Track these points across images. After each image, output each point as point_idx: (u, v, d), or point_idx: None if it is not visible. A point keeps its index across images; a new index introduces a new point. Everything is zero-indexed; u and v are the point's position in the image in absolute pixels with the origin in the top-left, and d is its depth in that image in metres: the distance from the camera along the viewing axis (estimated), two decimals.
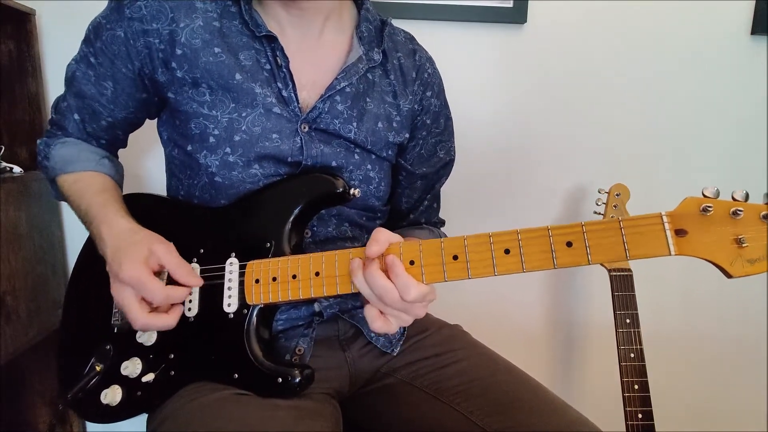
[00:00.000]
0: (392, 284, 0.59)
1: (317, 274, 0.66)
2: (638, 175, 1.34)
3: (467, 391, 0.75)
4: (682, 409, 1.48)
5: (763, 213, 0.52)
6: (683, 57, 1.31)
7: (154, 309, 0.67)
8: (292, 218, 0.71)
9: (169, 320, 0.67)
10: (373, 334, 0.81)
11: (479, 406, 0.73)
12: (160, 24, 0.72)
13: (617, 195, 1.18)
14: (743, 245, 0.52)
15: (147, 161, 1.30)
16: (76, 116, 0.80)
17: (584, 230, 0.56)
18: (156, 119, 0.84)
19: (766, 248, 0.52)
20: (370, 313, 0.62)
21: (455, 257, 0.60)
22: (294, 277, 0.67)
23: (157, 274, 0.68)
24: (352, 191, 0.71)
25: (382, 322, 0.62)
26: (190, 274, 0.69)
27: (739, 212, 0.52)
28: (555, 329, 1.47)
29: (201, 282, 0.70)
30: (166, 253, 0.67)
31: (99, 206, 0.74)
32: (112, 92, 0.77)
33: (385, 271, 0.60)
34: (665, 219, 0.54)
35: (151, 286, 0.64)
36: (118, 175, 0.85)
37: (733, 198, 0.53)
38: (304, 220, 0.73)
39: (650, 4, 1.28)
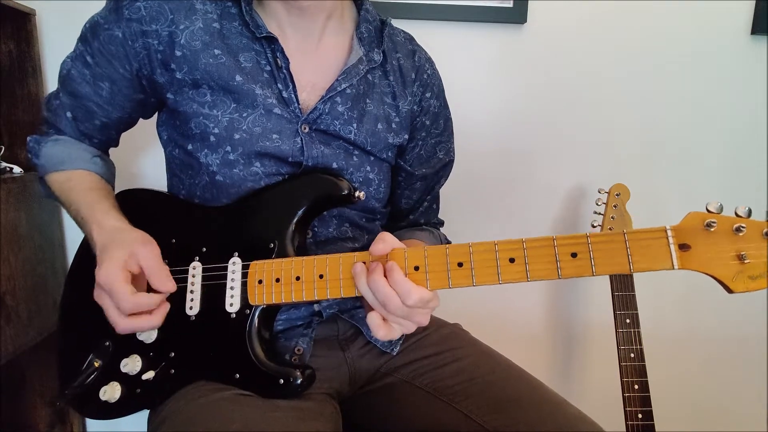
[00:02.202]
0: (394, 291, 0.59)
1: (321, 276, 0.66)
2: (638, 175, 1.35)
3: (467, 389, 0.75)
4: (682, 409, 1.48)
5: (766, 230, 0.52)
6: (683, 57, 1.31)
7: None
8: (296, 219, 0.71)
9: (151, 321, 0.66)
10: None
11: (479, 405, 0.73)
12: (160, 25, 0.72)
13: (617, 195, 1.18)
14: (745, 261, 0.53)
15: (143, 160, 1.30)
16: (68, 114, 0.79)
17: (589, 241, 0.57)
18: (155, 119, 0.84)
19: (767, 265, 0.52)
20: (374, 321, 0.62)
21: (460, 264, 0.60)
22: (297, 278, 0.67)
23: (138, 277, 0.67)
24: (356, 193, 0.71)
25: (386, 330, 0.62)
26: (165, 278, 0.67)
27: (741, 228, 0.53)
28: (555, 329, 1.47)
29: (174, 288, 0.68)
30: (146, 255, 0.67)
31: (88, 206, 0.73)
32: (108, 92, 0.76)
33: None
34: (670, 233, 0.55)
35: (119, 294, 0.63)
36: (109, 174, 0.84)
37: (736, 214, 0.54)
38: (307, 221, 0.73)
39: (650, 4, 1.28)
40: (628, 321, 1.16)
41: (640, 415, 1.14)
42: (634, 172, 1.35)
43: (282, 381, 0.67)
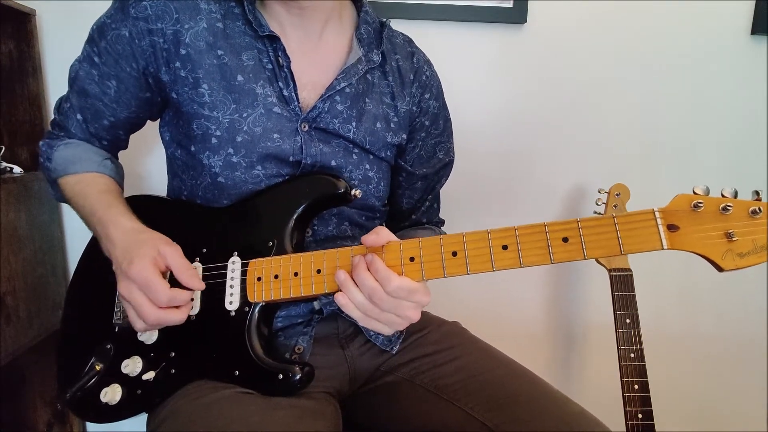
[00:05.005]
0: (377, 281, 0.61)
1: (318, 271, 0.67)
2: (638, 175, 1.35)
3: (467, 387, 0.75)
4: (682, 409, 1.48)
5: (752, 208, 0.54)
6: (683, 57, 1.31)
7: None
8: (294, 218, 0.72)
9: (180, 315, 0.67)
10: (372, 333, 0.81)
11: (479, 402, 0.73)
12: (165, 24, 0.73)
13: (617, 195, 1.18)
14: (733, 239, 0.54)
15: (148, 161, 1.30)
16: (78, 116, 0.80)
17: (579, 226, 0.58)
18: (157, 120, 0.84)
19: (754, 242, 0.54)
20: (341, 299, 0.63)
21: (454, 253, 0.62)
22: (296, 274, 0.68)
23: (162, 274, 0.68)
24: (353, 192, 0.72)
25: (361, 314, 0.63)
26: (194, 277, 0.69)
27: (728, 208, 0.54)
28: (555, 329, 1.47)
29: (203, 286, 0.70)
30: (172, 254, 0.68)
31: (104, 207, 0.74)
32: (116, 91, 0.77)
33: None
34: (658, 215, 0.56)
35: (157, 287, 0.65)
36: (119, 177, 0.85)
37: (722, 195, 0.56)
38: (306, 220, 0.74)
39: (650, 4, 1.28)
40: (628, 321, 1.16)
41: (640, 415, 1.14)
42: (633, 172, 1.35)
43: (281, 376, 0.67)
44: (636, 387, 1.14)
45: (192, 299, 0.71)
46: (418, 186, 0.92)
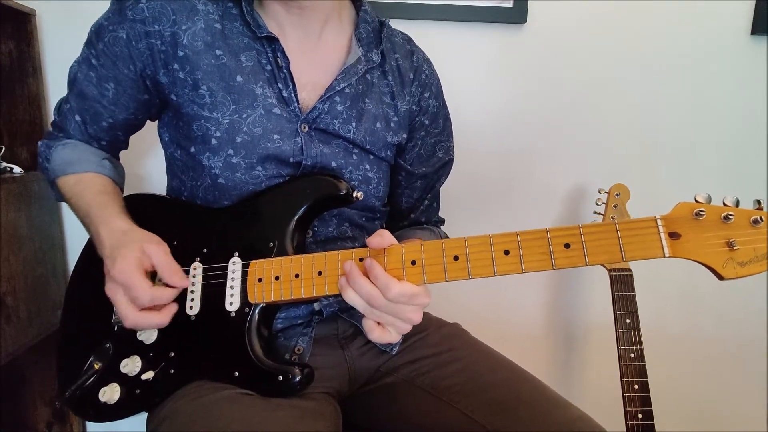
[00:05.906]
0: (376, 287, 0.61)
1: (320, 273, 0.67)
2: (638, 175, 1.35)
3: (467, 389, 0.75)
4: (682, 409, 1.48)
5: (753, 218, 0.54)
6: (683, 57, 1.31)
7: (147, 308, 0.67)
8: (295, 219, 0.72)
9: (160, 319, 0.67)
10: None
11: (479, 404, 0.73)
12: (162, 26, 0.72)
13: (617, 195, 1.18)
14: (734, 248, 0.55)
15: (147, 161, 1.30)
16: (77, 117, 0.80)
17: (581, 232, 0.58)
18: (156, 121, 0.84)
19: (755, 251, 0.54)
20: (368, 323, 0.64)
21: (456, 258, 0.62)
22: (297, 276, 0.67)
23: (154, 274, 0.68)
24: (355, 194, 0.72)
25: (380, 331, 0.64)
26: (177, 274, 0.69)
27: (730, 217, 0.55)
28: (555, 329, 1.47)
29: (187, 283, 0.70)
30: (157, 252, 0.68)
31: (98, 207, 0.74)
32: (114, 93, 0.77)
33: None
34: (660, 222, 0.56)
35: (137, 286, 0.65)
36: (118, 177, 0.85)
37: (724, 203, 0.56)
38: (307, 221, 0.74)
39: (650, 4, 1.28)
40: (628, 321, 1.16)
41: (640, 415, 1.14)
42: (633, 172, 1.35)
43: (281, 378, 0.67)
44: (636, 387, 1.14)
45: (184, 301, 0.70)
46: (417, 185, 0.92)
